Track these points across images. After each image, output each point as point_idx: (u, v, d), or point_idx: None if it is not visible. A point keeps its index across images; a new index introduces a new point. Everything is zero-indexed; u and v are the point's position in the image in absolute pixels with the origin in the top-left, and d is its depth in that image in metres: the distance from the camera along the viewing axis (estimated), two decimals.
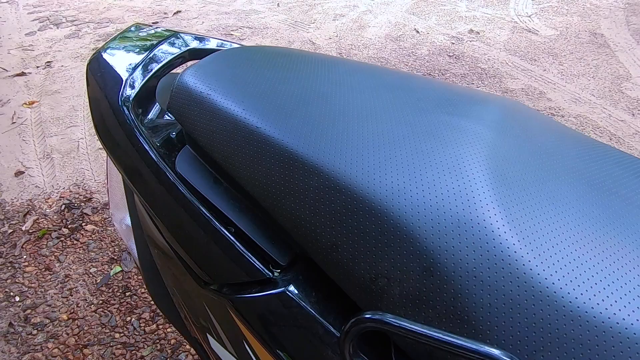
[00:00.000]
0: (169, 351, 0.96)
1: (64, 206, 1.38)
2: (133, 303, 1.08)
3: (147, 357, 0.96)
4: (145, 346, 0.98)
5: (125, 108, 0.36)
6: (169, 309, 0.39)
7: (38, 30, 2.97)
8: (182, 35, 0.49)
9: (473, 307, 0.20)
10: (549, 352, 0.19)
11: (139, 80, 0.40)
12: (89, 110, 1.97)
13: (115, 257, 1.21)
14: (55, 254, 1.22)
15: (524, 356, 0.19)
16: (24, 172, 1.55)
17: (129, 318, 1.04)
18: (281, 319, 0.26)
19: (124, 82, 0.38)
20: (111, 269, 1.17)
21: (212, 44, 0.49)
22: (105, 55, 0.43)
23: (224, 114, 0.31)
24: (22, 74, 2.33)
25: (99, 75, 0.40)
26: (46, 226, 1.31)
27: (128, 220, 0.43)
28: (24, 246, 1.24)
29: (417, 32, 2.60)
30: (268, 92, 0.33)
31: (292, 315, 0.25)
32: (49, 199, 1.42)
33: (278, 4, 3.21)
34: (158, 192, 0.33)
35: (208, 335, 0.32)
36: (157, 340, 0.99)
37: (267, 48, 0.46)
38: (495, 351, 0.19)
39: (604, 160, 0.33)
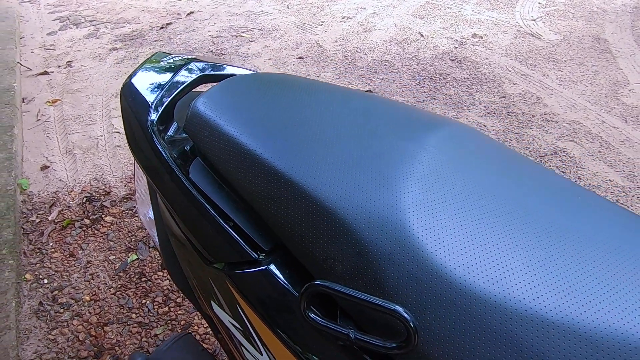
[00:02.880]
0: (179, 330, 1.08)
1: (85, 199, 1.51)
2: (148, 288, 1.20)
3: (160, 335, 1.08)
4: (159, 325, 1.10)
5: (150, 127, 0.46)
6: (184, 285, 0.50)
7: (59, 30, 3.12)
8: (196, 62, 0.59)
9: (387, 279, 0.30)
10: (435, 309, 0.29)
11: (161, 103, 0.50)
12: (107, 110, 2.10)
13: (132, 247, 1.33)
14: (78, 242, 1.35)
15: (418, 311, 0.29)
16: (49, 167, 1.69)
17: (144, 301, 1.16)
18: (263, 289, 0.36)
19: (150, 106, 0.48)
20: (128, 257, 1.29)
21: (221, 70, 0.59)
22: (134, 81, 0.53)
23: (225, 136, 0.41)
24: (45, 72, 2.47)
25: (130, 99, 0.50)
26: (70, 217, 1.44)
27: (151, 214, 0.54)
28: (50, 234, 1.37)
29: (422, 35, 2.66)
30: (261, 118, 0.43)
31: (271, 286, 0.35)
32: (71, 192, 1.55)
33: (287, 5, 3.30)
34: (175, 193, 0.43)
35: (212, 302, 0.43)
36: (169, 321, 1.11)
37: (268, 76, 0.56)
38: (399, 307, 0.28)
39: (524, 174, 0.42)
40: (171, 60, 0.59)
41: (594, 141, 1.66)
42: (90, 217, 1.43)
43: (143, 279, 1.22)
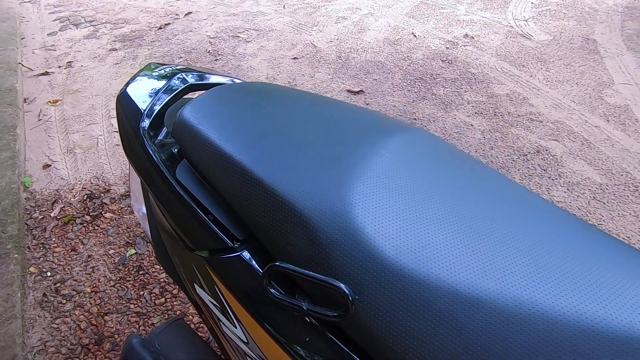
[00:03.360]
0: None
1: (86, 196, 1.58)
2: (145, 280, 1.26)
3: (157, 324, 1.14)
4: (155, 315, 1.16)
5: (142, 133, 0.53)
6: (172, 271, 0.57)
7: (59, 30, 3.17)
8: (185, 72, 0.65)
9: (334, 261, 0.36)
10: (371, 285, 0.35)
11: (152, 111, 0.56)
12: (106, 110, 2.16)
13: (130, 242, 1.39)
14: (80, 237, 1.41)
15: (357, 287, 0.35)
16: (51, 165, 1.75)
17: (142, 292, 1.23)
18: (237, 271, 0.42)
19: (143, 114, 0.55)
20: (127, 251, 1.36)
21: (208, 79, 0.66)
22: (128, 90, 0.59)
23: (206, 141, 0.47)
24: (46, 73, 2.53)
25: (125, 107, 0.56)
26: (71, 213, 1.50)
27: (144, 210, 0.61)
28: (52, 230, 1.44)
29: (415, 36, 2.71)
30: (239, 125, 0.49)
31: (243, 269, 0.42)
32: (73, 189, 1.62)
33: (284, 5, 3.35)
34: (163, 191, 0.49)
35: (195, 284, 0.49)
36: (165, 311, 1.17)
37: (251, 85, 0.62)
38: (340, 283, 0.34)
39: (470, 172, 0.48)
40: (162, 71, 0.65)
41: (576, 140, 1.72)
42: (91, 214, 1.50)
43: (141, 272, 1.29)
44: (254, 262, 0.42)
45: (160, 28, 3.10)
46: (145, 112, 0.55)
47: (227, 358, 0.56)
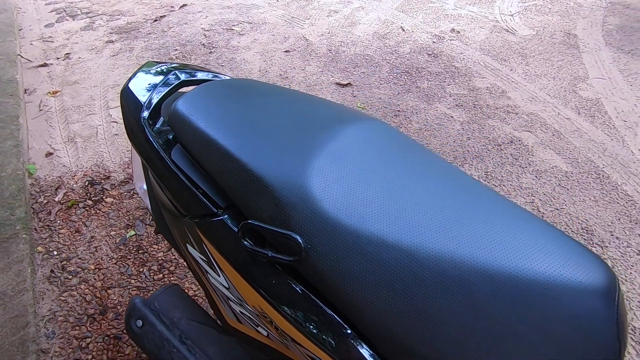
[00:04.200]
0: None
1: (87, 182, 1.68)
2: (145, 258, 1.38)
3: None
4: (154, 289, 1.28)
5: (143, 121, 0.63)
6: (169, 236, 0.68)
7: (56, 22, 3.23)
8: (180, 70, 0.75)
9: (293, 219, 0.47)
10: (320, 236, 0.46)
11: (151, 103, 0.66)
12: (104, 101, 2.24)
13: (130, 224, 1.50)
14: (83, 220, 1.52)
15: (310, 238, 0.46)
16: (53, 153, 1.85)
17: (141, 269, 1.34)
18: (220, 231, 0.53)
19: (143, 105, 0.65)
20: (127, 233, 1.47)
21: (200, 76, 0.76)
22: (130, 86, 0.70)
23: (196, 129, 0.57)
24: (45, 64, 2.60)
25: (128, 100, 0.67)
26: (74, 198, 1.61)
27: (145, 187, 0.72)
28: (57, 213, 1.55)
29: (403, 30, 2.80)
30: (223, 116, 0.60)
31: (224, 229, 0.53)
32: (75, 176, 1.72)
33: None
34: (161, 169, 0.60)
35: (187, 244, 0.61)
36: (163, 285, 1.29)
37: (237, 81, 0.72)
38: (295, 235, 0.46)
39: (413, 155, 0.59)
40: (160, 68, 0.75)
41: (548, 131, 1.83)
42: (93, 199, 1.61)
43: (140, 251, 1.40)
44: (232, 224, 0.53)
45: (155, 20, 3.16)
46: (145, 104, 0.66)
47: (215, 308, 0.68)
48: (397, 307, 0.44)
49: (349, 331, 0.47)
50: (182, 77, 0.73)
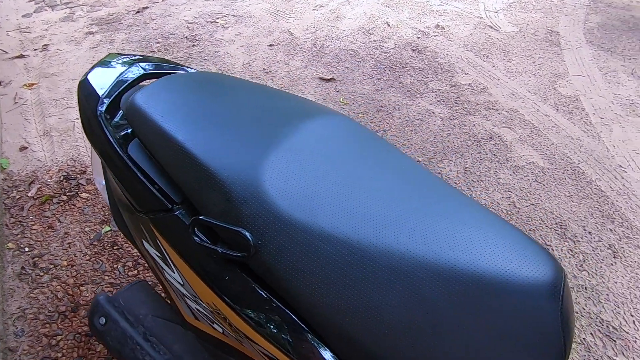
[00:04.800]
0: None
1: (62, 177, 1.64)
2: (119, 254, 1.36)
3: None
4: None
5: (99, 116, 0.61)
6: (126, 231, 0.67)
7: (34, 12, 3.13)
8: (142, 62, 0.73)
9: (244, 215, 0.47)
10: (270, 233, 0.46)
11: (109, 96, 0.65)
12: None
13: (105, 219, 1.48)
14: (56, 215, 1.49)
15: (260, 234, 0.46)
16: (27, 147, 1.80)
17: (115, 265, 1.32)
18: (173, 227, 0.53)
19: (100, 99, 0.63)
20: (102, 228, 1.45)
21: (163, 69, 0.74)
22: (89, 78, 0.68)
23: (152, 123, 0.56)
24: (21, 56, 2.53)
25: (85, 93, 0.65)
26: (48, 193, 1.57)
27: (103, 182, 0.70)
28: (30, 209, 1.51)
29: (388, 25, 2.79)
30: (181, 111, 0.58)
31: (178, 224, 0.52)
32: (49, 170, 1.68)
33: None
34: (117, 165, 0.59)
35: (142, 240, 0.60)
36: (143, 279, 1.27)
37: (200, 74, 0.71)
38: (244, 231, 0.45)
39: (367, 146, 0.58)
40: (122, 60, 0.73)
41: (526, 127, 1.85)
42: (67, 194, 1.57)
43: (115, 247, 1.38)
44: (186, 219, 0.52)
45: (138, 12, 3.09)
46: (103, 97, 0.64)
47: (173, 305, 0.67)
48: (346, 302, 0.44)
49: (303, 328, 0.47)
50: (145, 69, 0.72)
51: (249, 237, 0.45)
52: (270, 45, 2.60)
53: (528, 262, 0.45)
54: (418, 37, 2.62)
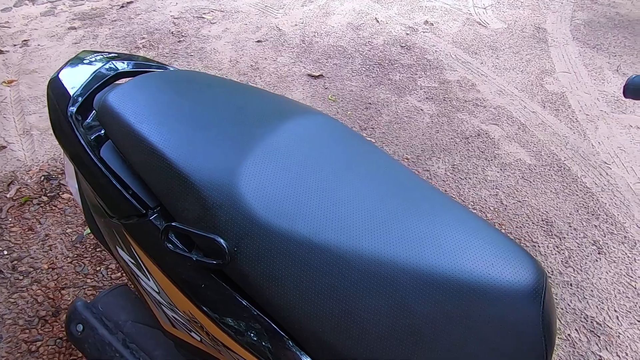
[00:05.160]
0: None
1: (43, 177, 1.60)
2: (102, 257, 1.33)
3: None
4: None
5: (70, 116, 0.59)
6: (99, 235, 0.65)
7: (13, 5, 3.03)
8: (117, 60, 0.70)
9: (219, 221, 0.45)
10: (247, 240, 0.44)
11: (81, 96, 0.62)
12: None
13: None
14: (37, 217, 1.45)
15: (236, 242, 0.44)
16: (6, 147, 1.75)
17: (98, 268, 1.29)
18: (147, 233, 0.50)
19: (71, 98, 0.61)
20: (84, 230, 1.41)
21: (139, 67, 0.72)
22: (60, 77, 0.65)
23: (125, 124, 0.54)
24: (0, 52, 2.45)
25: (56, 92, 0.62)
26: (28, 194, 1.53)
27: (76, 186, 0.67)
28: (9, 210, 1.47)
29: (377, 21, 2.77)
30: (156, 111, 0.56)
31: (152, 230, 0.50)
32: (29, 171, 1.63)
33: None
34: (88, 168, 0.56)
35: (116, 246, 0.57)
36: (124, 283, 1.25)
37: (176, 73, 0.68)
38: (219, 238, 0.43)
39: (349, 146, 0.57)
40: (95, 58, 0.70)
41: (514, 124, 1.86)
42: (48, 195, 1.53)
43: (98, 249, 1.34)
44: (160, 225, 0.50)
45: (122, 6, 3.02)
46: (74, 97, 0.61)
47: (150, 312, 0.65)
48: (325, 309, 0.42)
49: (283, 336, 0.46)
50: (119, 68, 0.69)
51: (224, 245, 0.43)
52: (258, 41, 2.56)
53: (510, 266, 0.44)
54: (407, 34, 2.61)
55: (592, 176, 1.62)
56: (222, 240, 0.43)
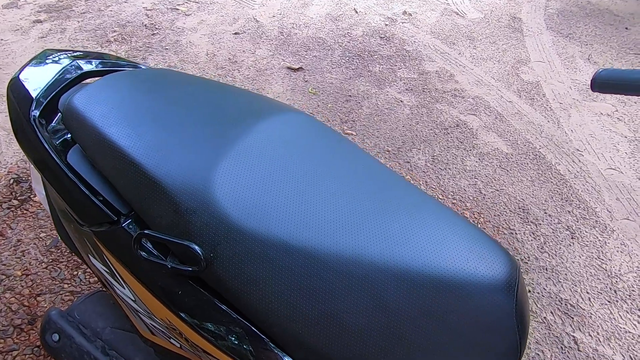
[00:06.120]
0: None
1: (12, 180, 1.53)
2: (79, 260, 1.29)
3: None
4: None
5: (33, 120, 0.56)
6: (70, 243, 0.62)
7: None
8: (82, 59, 0.67)
9: (193, 227, 0.44)
10: (222, 245, 0.43)
11: (45, 98, 0.59)
12: None
13: None
14: (7, 222, 1.39)
15: (212, 247, 0.43)
16: None
17: (75, 272, 1.25)
18: (120, 241, 0.49)
19: (33, 101, 0.58)
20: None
21: (106, 66, 0.68)
22: (21, 77, 0.61)
23: (92, 128, 0.51)
24: None
25: (16, 94, 0.59)
26: None
27: (43, 192, 0.65)
28: None
29: (356, 12, 2.75)
30: (125, 112, 0.54)
31: (125, 238, 0.49)
32: None
33: None
34: (54, 174, 0.54)
35: (89, 255, 0.56)
36: (101, 288, 1.21)
37: (146, 72, 0.65)
38: (193, 245, 0.43)
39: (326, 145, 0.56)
40: (59, 57, 0.67)
41: (491, 114, 1.90)
42: (19, 198, 1.47)
43: (74, 253, 1.30)
44: (134, 232, 0.48)
45: None
46: (38, 99, 0.58)
47: (128, 320, 0.64)
48: (303, 311, 0.42)
49: (263, 339, 0.45)
50: (86, 67, 0.66)
51: (199, 252, 0.42)
52: (236, 33, 2.50)
53: (484, 260, 0.45)
54: (386, 24, 2.61)
55: (565, 163, 1.68)
56: (196, 247, 0.42)
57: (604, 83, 0.54)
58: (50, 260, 1.28)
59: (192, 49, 2.35)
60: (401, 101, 1.98)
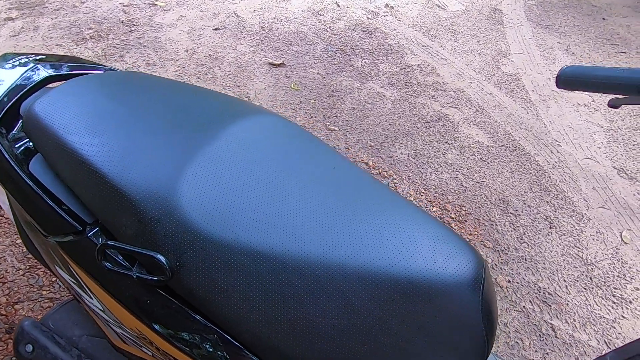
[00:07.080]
0: None
1: None
2: None
3: None
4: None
5: None
6: (36, 253, 0.61)
7: None
8: (45, 63, 0.65)
9: (158, 237, 0.43)
10: (188, 254, 0.43)
11: (3, 105, 0.57)
12: None
13: None
14: None
15: (178, 256, 0.43)
16: None
17: (54, 279, 1.23)
18: (84, 251, 0.48)
19: None
20: None
21: (71, 69, 0.66)
22: None
23: (54, 135, 0.50)
24: None
25: None
26: None
27: (7, 200, 0.63)
28: None
29: (338, 5, 2.73)
30: (89, 119, 0.52)
31: (88, 247, 0.48)
32: None
33: None
34: (16, 184, 0.52)
35: (55, 266, 0.55)
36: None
37: (114, 75, 0.64)
38: (158, 255, 0.42)
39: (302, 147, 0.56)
40: (19, 61, 0.65)
41: (472, 107, 1.91)
42: None
43: None
44: (99, 242, 0.48)
45: None
46: None
47: (100, 329, 0.63)
48: (272, 316, 0.42)
49: (234, 344, 0.45)
50: (49, 71, 0.64)
51: (164, 262, 0.42)
52: (216, 29, 2.46)
53: (451, 259, 0.46)
54: (368, 18, 2.59)
55: (544, 154, 1.71)
56: (161, 257, 0.42)
57: (568, 80, 0.55)
58: (28, 267, 1.25)
59: (172, 46, 2.31)
60: (384, 95, 1.98)
